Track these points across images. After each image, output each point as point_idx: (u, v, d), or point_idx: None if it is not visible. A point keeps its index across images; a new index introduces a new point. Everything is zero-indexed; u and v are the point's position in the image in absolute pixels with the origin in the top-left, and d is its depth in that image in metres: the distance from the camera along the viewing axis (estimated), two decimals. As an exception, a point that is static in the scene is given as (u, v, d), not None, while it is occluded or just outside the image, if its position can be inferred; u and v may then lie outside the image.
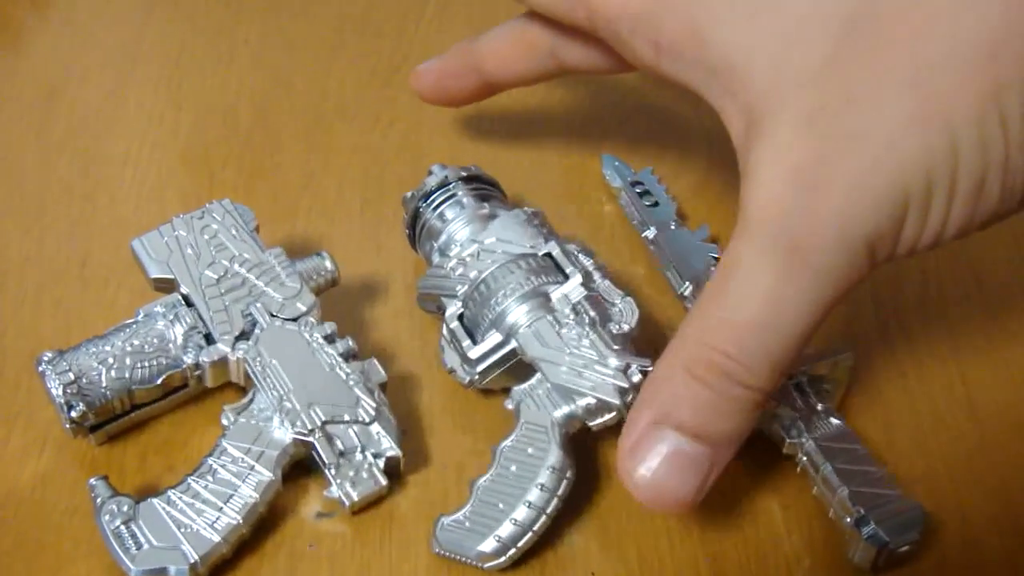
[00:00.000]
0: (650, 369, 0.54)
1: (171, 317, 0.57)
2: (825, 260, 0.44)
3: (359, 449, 0.55)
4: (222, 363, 0.56)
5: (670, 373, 0.47)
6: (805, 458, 0.55)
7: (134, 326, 0.57)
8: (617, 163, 0.70)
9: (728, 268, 0.46)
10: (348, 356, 0.57)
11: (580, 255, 0.59)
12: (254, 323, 0.57)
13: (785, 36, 0.45)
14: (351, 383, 0.56)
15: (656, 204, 0.67)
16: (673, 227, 0.65)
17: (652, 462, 0.47)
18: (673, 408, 0.47)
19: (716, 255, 0.64)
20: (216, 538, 0.52)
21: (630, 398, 0.54)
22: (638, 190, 0.68)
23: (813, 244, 0.44)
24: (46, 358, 0.55)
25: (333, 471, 0.54)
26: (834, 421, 0.56)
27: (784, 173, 0.44)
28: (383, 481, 0.54)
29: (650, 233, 0.65)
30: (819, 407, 0.56)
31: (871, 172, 0.43)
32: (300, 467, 0.56)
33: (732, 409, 0.46)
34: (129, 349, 0.56)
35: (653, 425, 0.47)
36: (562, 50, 0.62)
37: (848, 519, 0.53)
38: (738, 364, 0.45)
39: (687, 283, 0.62)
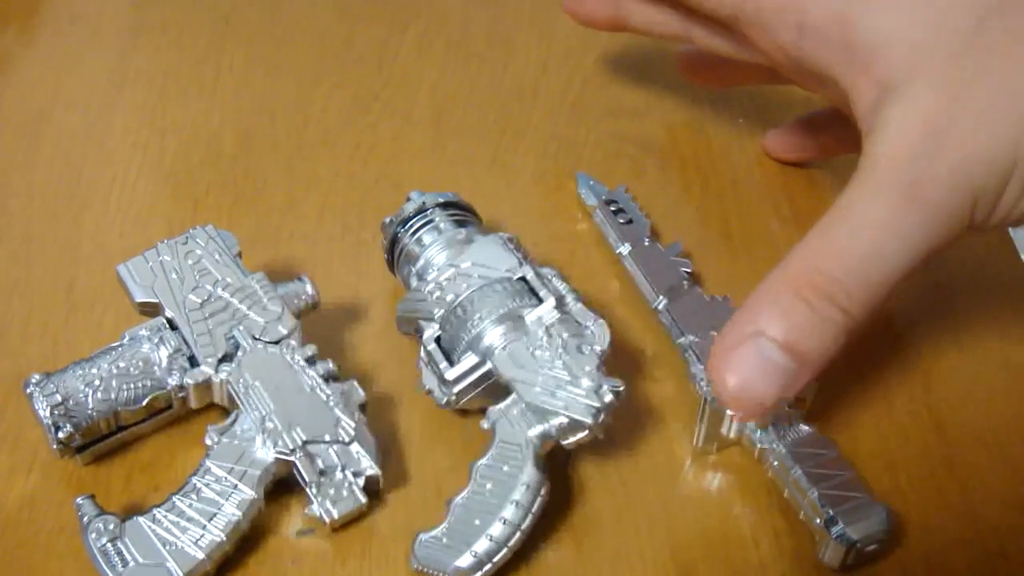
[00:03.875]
0: (620, 390, 0.56)
1: (156, 340, 0.58)
2: (937, 199, 0.49)
3: (339, 468, 0.56)
4: (206, 385, 0.58)
5: (773, 290, 0.51)
6: (776, 463, 0.57)
7: (120, 349, 0.58)
8: (592, 182, 0.71)
9: (842, 206, 0.51)
10: (328, 378, 0.58)
11: (554, 279, 0.60)
12: (237, 346, 0.58)
13: (928, 22, 0.51)
14: (331, 404, 0.57)
15: (630, 222, 0.69)
16: (646, 243, 0.67)
17: (743, 366, 0.50)
18: (771, 322, 0.50)
19: (688, 269, 0.65)
20: (200, 555, 0.53)
21: (602, 417, 0.55)
22: (612, 208, 0.69)
23: (929, 184, 0.49)
24: (34, 380, 0.57)
25: (314, 489, 0.55)
26: (802, 426, 0.57)
27: (914, 123, 0.50)
28: (363, 499, 0.56)
29: (624, 249, 0.67)
30: (788, 412, 0.57)
31: (991, 136, 0.49)
32: (282, 486, 0.57)
33: (825, 330, 0.50)
34: (115, 371, 0.57)
35: (749, 334, 0.50)
36: (692, 25, 0.66)
37: (818, 520, 0.54)
38: (840, 288, 0.49)
39: (661, 297, 0.64)
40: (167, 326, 0.59)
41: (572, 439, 0.56)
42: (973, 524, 0.58)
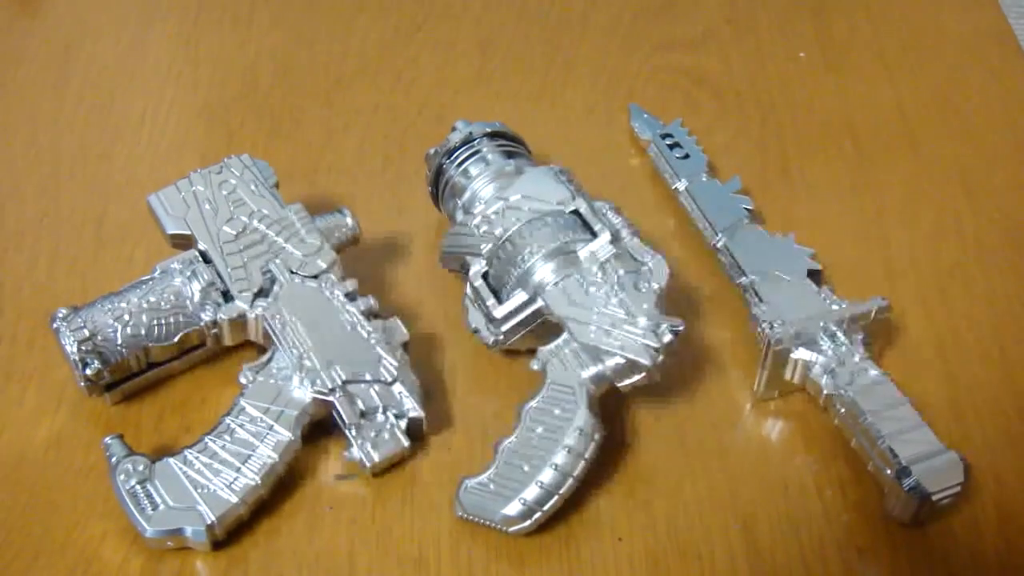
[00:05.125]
0: (680, 329, 0.53)
1: (188, 274, 0.56)
2: None
3: (381, 409, 0.53)
4: (240, 321, 0.55)
5: None
6: (843, 410, 0.54)
7: (150, 283, 0.56)
8: (646, 115, 0.68)
9: None
10: (370, 314, 0.55)
11: (609, 212, 0.57)
12: (273, 280, 0.56)
13: None
14: (373, 342, 0.54)
15: (687, 156, 0.66)
16: (704, 179, 0.64)
17: None
18: None
19: (749, 206, 0.62)
20: (234, 499, 0.51)
21: (660, 358, 0.52)
22: (668, 143, 0.66)
23: None
24: (60, 315, 0.54)
25: (354, 432, 0.53)
26: (872, 372, 0.54)
27: None
28: (405, 442, 0.53)
29: (680, 185, 0.64)
30: (856, 357, 0.55)
31: None
32: (320, 427, 0.54)
33: None
34: (145, 306, 0.55)
35: None
36: None
37: (888, 471, 0.51)
38: None
39: (720, 235, 0.61)
40: (200, 259, 0.56)
41: (628, 381, 0.53)
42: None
